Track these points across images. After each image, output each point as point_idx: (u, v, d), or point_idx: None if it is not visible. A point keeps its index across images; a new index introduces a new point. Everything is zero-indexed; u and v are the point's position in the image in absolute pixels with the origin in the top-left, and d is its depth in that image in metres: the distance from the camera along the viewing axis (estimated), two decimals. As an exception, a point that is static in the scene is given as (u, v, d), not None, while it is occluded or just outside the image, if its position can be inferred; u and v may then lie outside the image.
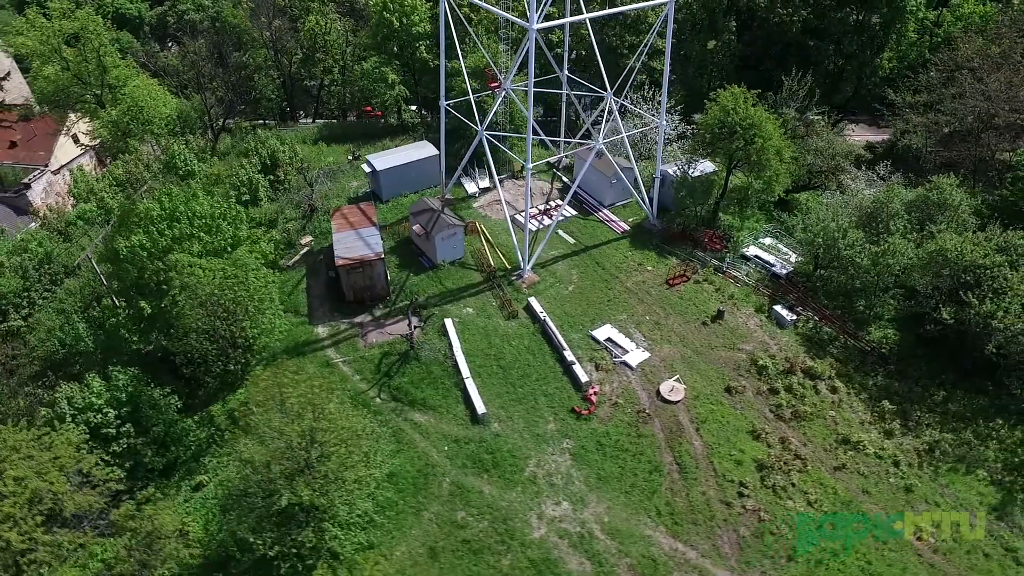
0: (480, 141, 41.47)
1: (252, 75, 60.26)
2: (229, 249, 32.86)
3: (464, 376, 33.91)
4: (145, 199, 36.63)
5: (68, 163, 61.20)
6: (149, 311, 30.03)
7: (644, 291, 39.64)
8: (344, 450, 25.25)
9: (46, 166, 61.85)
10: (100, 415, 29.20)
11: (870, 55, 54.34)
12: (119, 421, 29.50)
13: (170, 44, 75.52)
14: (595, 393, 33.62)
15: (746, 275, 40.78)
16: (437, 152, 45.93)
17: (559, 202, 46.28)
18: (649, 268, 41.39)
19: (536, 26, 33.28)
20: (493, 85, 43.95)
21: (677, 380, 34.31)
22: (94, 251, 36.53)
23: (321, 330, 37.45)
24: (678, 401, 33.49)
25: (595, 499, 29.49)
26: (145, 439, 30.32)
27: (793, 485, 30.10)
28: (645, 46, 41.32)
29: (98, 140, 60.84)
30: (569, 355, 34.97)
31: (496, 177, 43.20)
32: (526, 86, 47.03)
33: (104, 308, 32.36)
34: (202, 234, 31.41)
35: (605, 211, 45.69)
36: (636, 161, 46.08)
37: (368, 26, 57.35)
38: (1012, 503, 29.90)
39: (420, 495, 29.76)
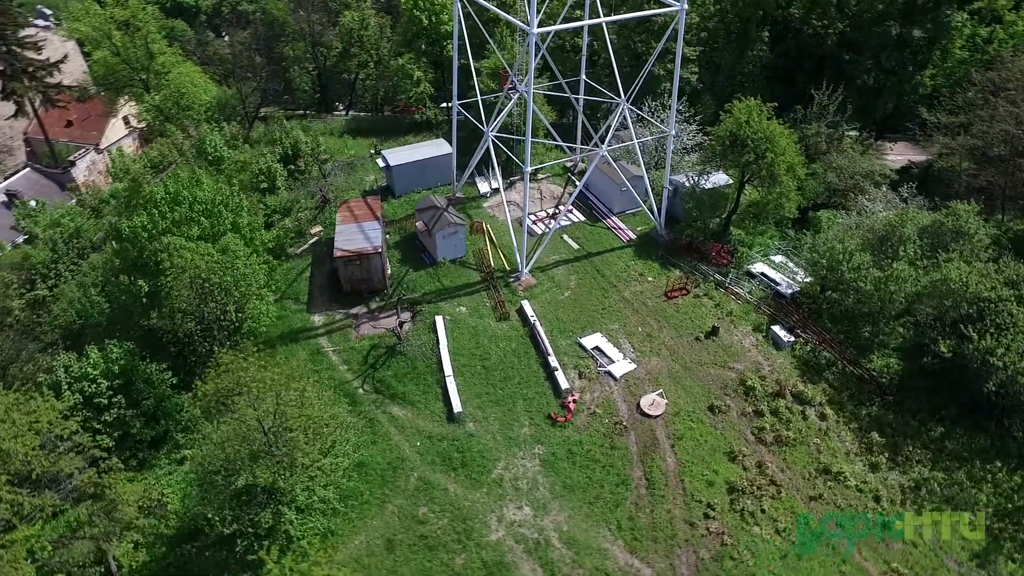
0: (487, 142, 41.66)
1: (288, 67, 62.10)
2: (229, 234, 34.12)
3: (446, 374, 34.29)
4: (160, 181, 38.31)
5: (114, 143, 64.38)
6: (146, 290, 31.50)
7: (641, 302, 39.18)
8: (304, 436, 25.92)
9: (97, 145, 65.27)
10: (94, 385, 30.79)
11: (911, 71, 52.10)
12: (111, 392, 31.02)
13: (224, 33, 78.43)
14: (574, 401, 33.50)
15: (749, 292, 39.82)
16: (451, 150, 46.38)
17: (568, 207, 46.18)
18: (650, 279, 40.87)
19: (535, 30, 33.31)
20: (507, 87, 44.12)
21: (660, 394, 33.85)
22: (107, 229, 38.49)
23: (317, 318, 38.45)
24: (658, 416, 33.05)
25: (557, 507, 29.42)
26: (135, 411, 31.77)
27: (763, 511, 29.36)
28: (657, 52, 40.69)
29: (144, 123, 63.95)
30: (553, 361, 34.91)
31: (499, 179, 43.35)
32: (541, 89, 47.42)
33: (119, 284, 34.08)
34: (202, 219, 32.74)
35: (614, 218, 45.30)
36: (650, 170, 45.60)
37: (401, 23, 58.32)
38: (998, 551, 28.45)
39: (387, 487, 30.28)
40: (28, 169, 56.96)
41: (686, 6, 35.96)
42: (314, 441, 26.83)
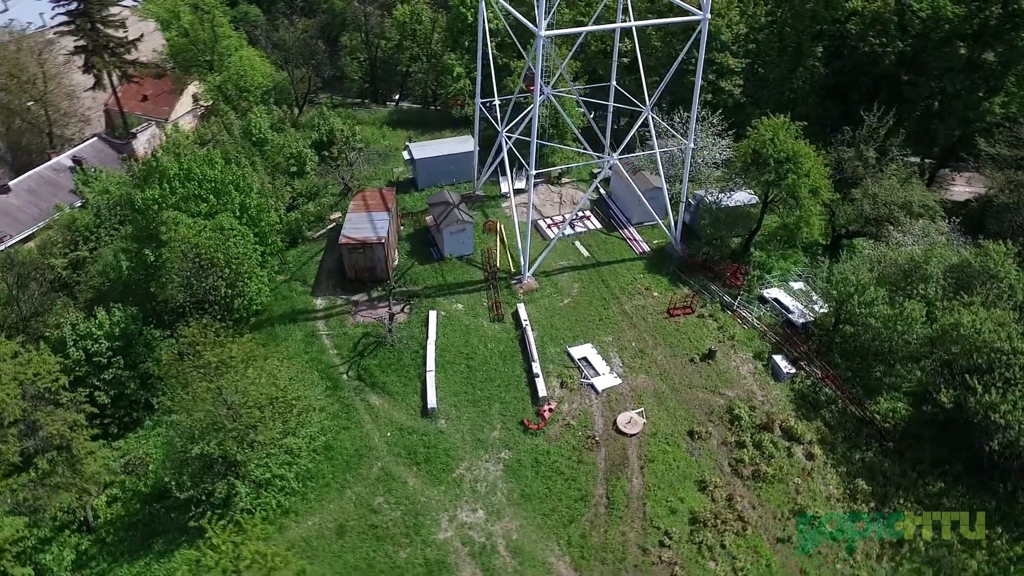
0: (500, 142, 41.56)
1: (343, 55, 63.90)
2: (237, 213, 35.51)
3: (427, 369, 34.49)
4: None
5: (178, 119, 68.03)
6: (151, 259, 33.21)
7: (641, 316, 38.15)
8: (261, 413, 26.70)
9: (166, 120, 69.18)
10: (96, 344, 32.73)
11: (980, 97, 48.18)
12: (111, 353, 32.88)
13: (290, 20, 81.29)
14: (550, 410, 33.03)
15: (757, 317, 38.06)
16: (475, 148, 46.52)
17: (586, 213, 45.53)
18: (655, 294, 39.72)
19: (544, 33, 32.92)
20: (531, 88, 43.78)
21: (640, 413, 32.89)
22: (123, 199, 40.67)
23: (320, 302, 39.46)
24: (633, 434, 32.15)
25: (511, 514, 29.12)
26: (132, 372, 33.55)
27: (723, 546, 28.09)
28: (678, 61, 39.36)
29: (210, 102, 67.30)
30: (536, 367, 34.52)
31: (515, 180, 43.15)
32: (566, 92, 46.76)
33: (129, 252, 36.08)
34: (211, 196, 34.20)
35: (631, 229, 44.26)
36: (675, 182, 44.25)
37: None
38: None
39: (350, 473, 30.79)
40: (96, 138, 60.93)
41: (709, 15, 34.59)
42: (274, 419, 27.61)
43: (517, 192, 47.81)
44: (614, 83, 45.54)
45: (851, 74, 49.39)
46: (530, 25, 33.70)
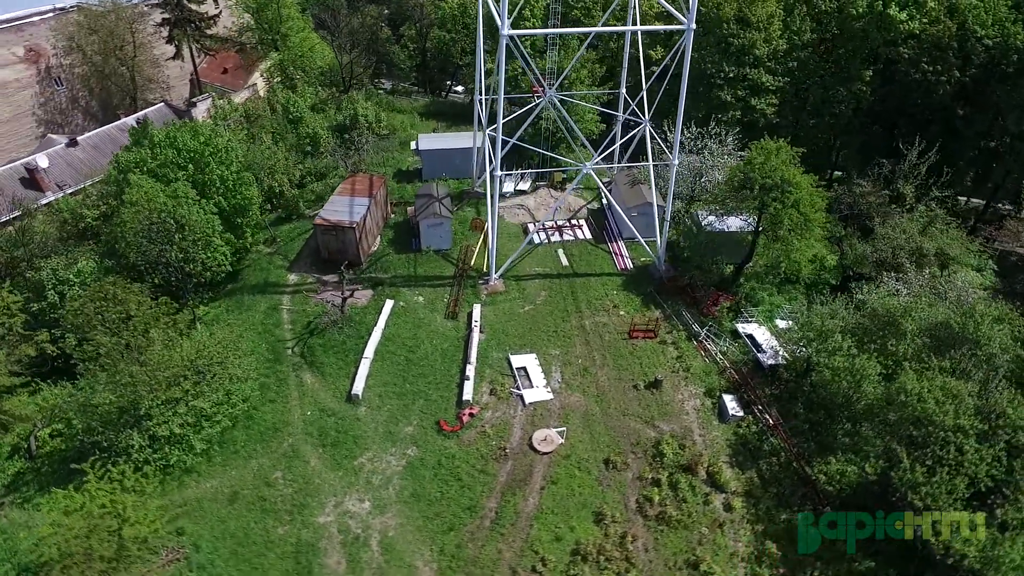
0: (484, 140, 41.09)
1: (391, 45, 65.41)
2: (218, 184, 37.24)
3: (364, 355, 34.75)
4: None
5: (247, 92, 72.19)
6: (115, 218, 35.50)
7: (598, 334, 36.55)
8: (159, 375, 27.97)
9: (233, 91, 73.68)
10: (71, 289, 35.43)
11: (1051, 141, 42.16)
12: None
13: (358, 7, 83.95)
14: (470, 414, 32.39)
15: (722, 352, 35.45)
16: (478, 143, 46.21)
17: (578, 222, 44.19)
18: (622, 312, 37.90)
19: (507, 32, 32.13)
20: (536, 90, 42.98)
21: (560, 432, 31.56)
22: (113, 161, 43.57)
23: (292, 277, 40.69)
24: (546, 453, 30.91)
25: (395, 512, 28.84)
26: (100, 319, 36.01)
27: (598, 585, 26.45)
28: (661, 68, 37.18)
29: (276, 78, 71.06)
30: (469, 370, 33.93)
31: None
32: (569, 96, 45.36)
33: (113, 210, 38.65)
34: (189, 165, 36.09)
35: (619, 243, 42.44)
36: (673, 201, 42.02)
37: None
38: None
39: (260, 444, 31.57)
40: (163, 104, 65.88)
41: (694, 25, 32.40)
42: (181, 381, 28.83)
43: (517, 193, 47.26)
44: (623, 91, 43.79)
45: (900, 103, 44.73)
46: (499, 22, 32.99)
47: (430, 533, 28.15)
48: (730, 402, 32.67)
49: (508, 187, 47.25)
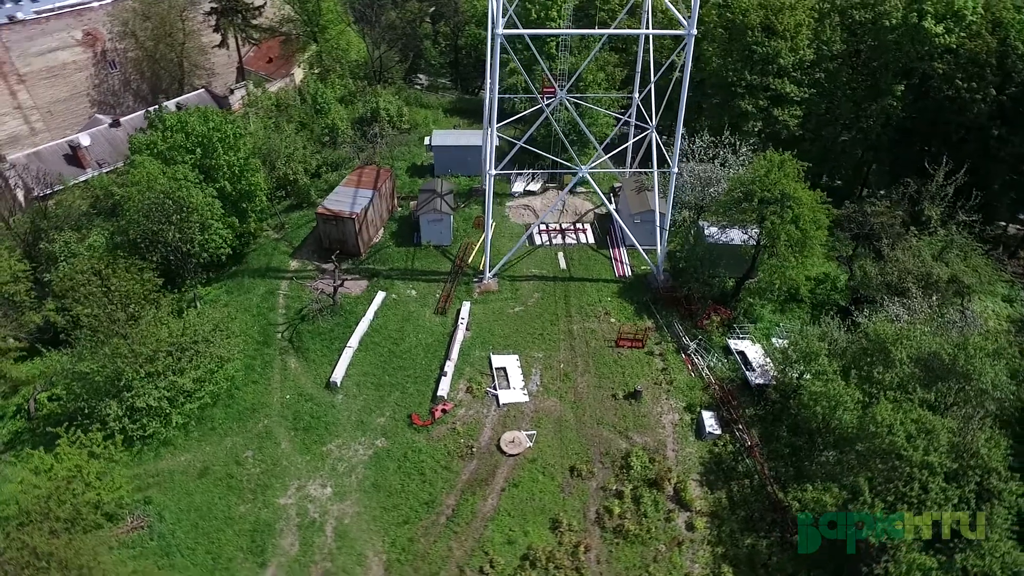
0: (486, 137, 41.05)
1: (423, 41, 66.08)
2: (224, 169, 38.33)
3: (348, 344, 35.18)
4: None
5: (286, 81, 74.06)
6: (119, 197, 36.95)
7: (584, 339, 36.05)
8: (139, 349, 28.97)
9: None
10: (81, 263, 37.06)
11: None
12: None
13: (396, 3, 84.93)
14: (443, 410, 32.41)
15: (709, 367, 34.44)
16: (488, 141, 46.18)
17: (583, 225, 43.69)
18: (612, 320, 37.27)
19: (500, 32, 31.98)
20: (548, 91, 42.66)
21: (529, 435, 31.25)
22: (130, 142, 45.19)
23: (294, 263, 41.54)
24: (512, 455, 30.66)
25: (354, 500, 29.09)
26: (104, 291, 37.55)
27: (543, 593, 26.07)
28: (661, 72, 36.25)
29: (317, 68, 72.72)
30: (448, 366, 33.96)
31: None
32: (580, 98, 44.82)
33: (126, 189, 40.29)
34: (197, 149, 37.25)
35: (621, 249, 41.73)
36: (681, 209, 41.10)
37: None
38: None
39: (237, 424, 32.32)
40: (203, 90, 68.26)
41: (695, 31, 31.52)
42: (164, 357, 29.84)
43: (526, 193, 47.05)
44: (637, 96, 43.03)
45: (933, 120, 42.54)
46: (494, 20, 32.90)
47: (385, 524, 28.28)
48: (709, 419, 31.72)
49: (518, 187, 47.12)
